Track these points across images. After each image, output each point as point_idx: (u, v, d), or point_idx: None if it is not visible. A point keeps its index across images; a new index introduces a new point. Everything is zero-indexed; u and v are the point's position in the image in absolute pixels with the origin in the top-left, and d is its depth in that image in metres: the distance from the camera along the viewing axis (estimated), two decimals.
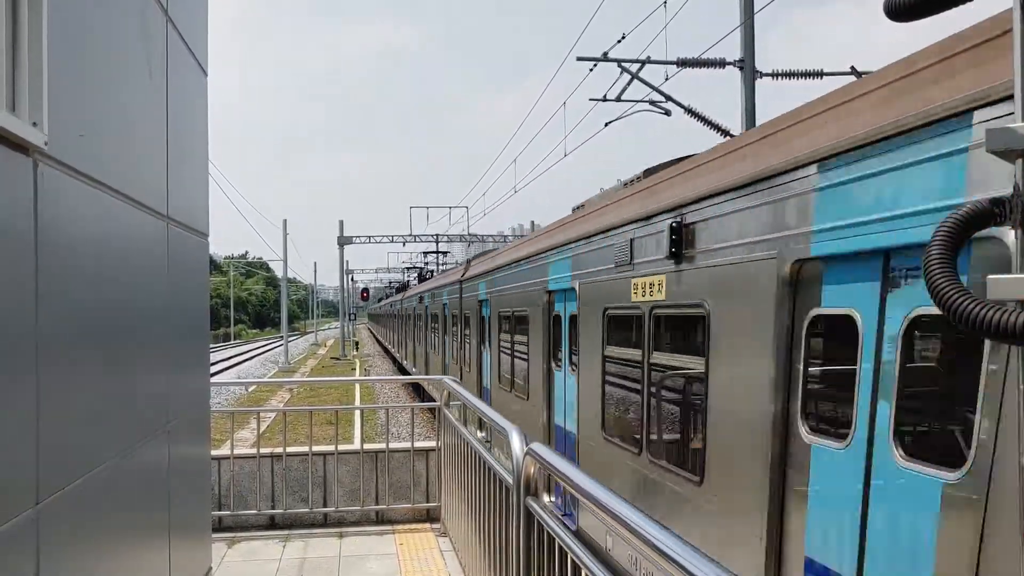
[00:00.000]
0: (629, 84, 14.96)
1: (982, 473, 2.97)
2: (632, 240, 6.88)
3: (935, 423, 3.59)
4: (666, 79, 14.85)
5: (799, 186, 4.36)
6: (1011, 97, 2.80)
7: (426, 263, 61.39)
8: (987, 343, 3.12)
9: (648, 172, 8.05)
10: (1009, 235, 2.78)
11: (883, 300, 3.71)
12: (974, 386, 3.14)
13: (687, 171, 6.17)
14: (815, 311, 4.28)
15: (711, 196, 5.41)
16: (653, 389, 6.62)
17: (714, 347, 5.31)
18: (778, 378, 4.49)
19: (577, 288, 8.50)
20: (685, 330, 6.16)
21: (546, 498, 3.51)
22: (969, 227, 2.33)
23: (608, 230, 7.57)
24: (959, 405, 3.34)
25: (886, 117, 3.59)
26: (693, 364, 5.77)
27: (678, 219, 5.87)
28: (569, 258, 8.88)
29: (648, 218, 6.53)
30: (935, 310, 3.16)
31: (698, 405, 5.66)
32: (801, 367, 4.37)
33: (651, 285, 6.42)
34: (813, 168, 4.19)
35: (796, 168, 4.38)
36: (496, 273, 13.08)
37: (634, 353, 6.99)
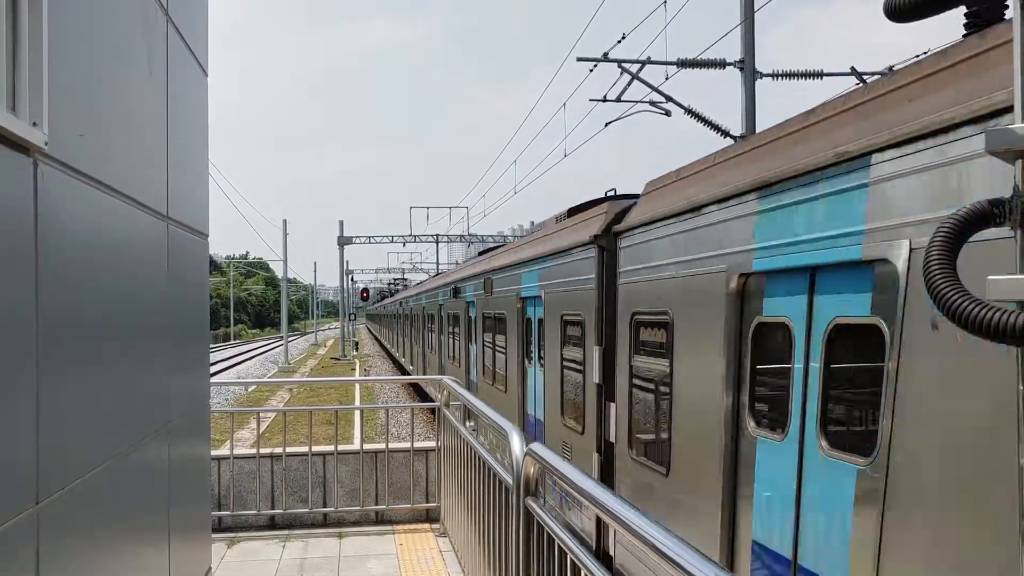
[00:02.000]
0: (629, 84, 14.96)
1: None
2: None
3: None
4: (666, 79, 14.87)
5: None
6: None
7: (396, 283, 68.53)
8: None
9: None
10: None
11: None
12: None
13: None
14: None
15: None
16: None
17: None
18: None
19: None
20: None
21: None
22: (968, 228, 2.33)
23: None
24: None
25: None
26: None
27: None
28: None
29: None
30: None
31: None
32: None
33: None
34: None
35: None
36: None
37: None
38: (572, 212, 9.62)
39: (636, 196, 7.40)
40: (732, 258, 4.93)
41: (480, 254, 19.31)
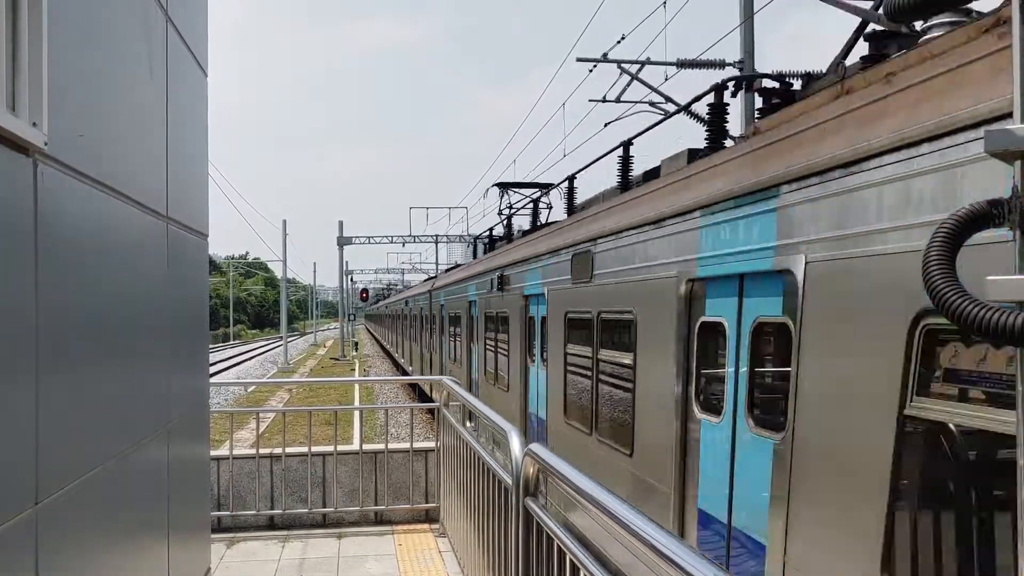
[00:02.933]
0: (629, 85, 14.98)
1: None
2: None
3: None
4: (665, 80, 14.87)
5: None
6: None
7: (390, 287, 77.65)
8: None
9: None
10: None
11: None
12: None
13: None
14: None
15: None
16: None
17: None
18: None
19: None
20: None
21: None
22: (968, 229, 2.33)
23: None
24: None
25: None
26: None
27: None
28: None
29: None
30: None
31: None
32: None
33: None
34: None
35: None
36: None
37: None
38: (433, 277, 24.83)
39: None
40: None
41: (428, 279, 32.07)
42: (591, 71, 15.49)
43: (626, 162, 9.12)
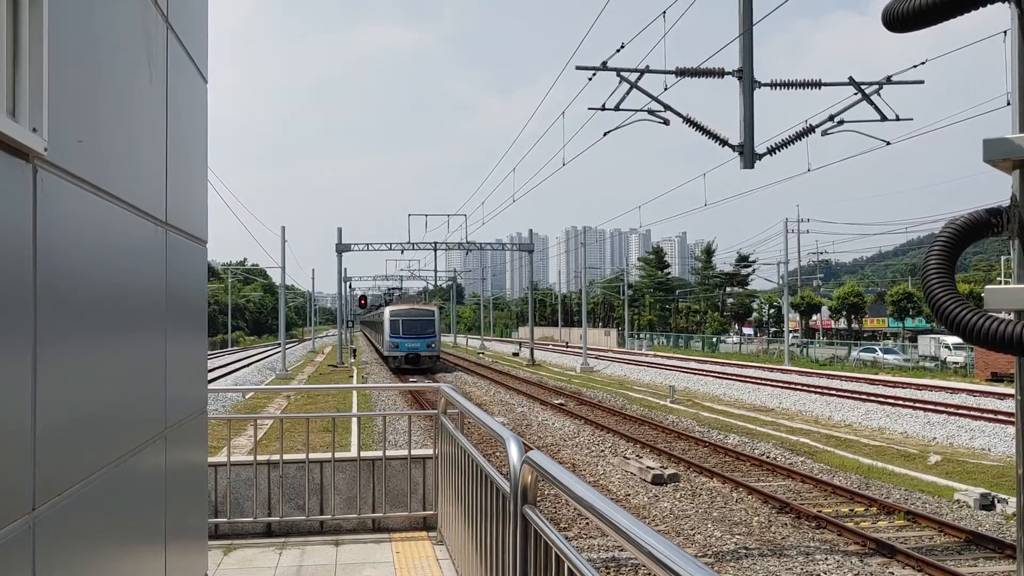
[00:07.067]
0: (628, 93, 15.01)
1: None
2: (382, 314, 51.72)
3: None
4: (665, 89, 14.91)
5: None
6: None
7: (388, 292, 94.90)
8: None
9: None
10: None
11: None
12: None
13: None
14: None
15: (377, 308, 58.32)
16: (368, 330, 73.69)
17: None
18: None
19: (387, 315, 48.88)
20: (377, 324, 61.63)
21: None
22: (967, 237, 2.33)
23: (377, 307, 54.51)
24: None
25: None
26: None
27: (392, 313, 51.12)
28: (389, 310, 48.97)
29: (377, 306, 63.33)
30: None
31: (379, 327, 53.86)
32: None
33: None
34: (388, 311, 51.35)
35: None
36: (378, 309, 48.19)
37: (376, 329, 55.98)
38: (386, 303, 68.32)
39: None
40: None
41: (386, 303, 61.76)
42: (590, 79, 15.53)
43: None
